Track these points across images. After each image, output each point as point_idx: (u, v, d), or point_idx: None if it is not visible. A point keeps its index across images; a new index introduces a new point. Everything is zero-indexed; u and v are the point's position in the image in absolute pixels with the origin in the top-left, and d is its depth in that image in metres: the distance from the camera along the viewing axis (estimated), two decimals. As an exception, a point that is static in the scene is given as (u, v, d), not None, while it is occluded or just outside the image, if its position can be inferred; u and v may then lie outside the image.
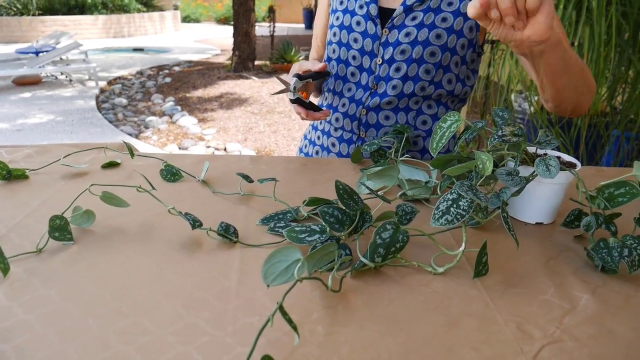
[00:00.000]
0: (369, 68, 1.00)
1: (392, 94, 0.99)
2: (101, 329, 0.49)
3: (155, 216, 0.72)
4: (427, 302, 0.55)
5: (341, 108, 1.06)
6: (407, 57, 0.95)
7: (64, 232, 0.64)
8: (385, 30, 0.96)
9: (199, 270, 0.60)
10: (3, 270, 0.57)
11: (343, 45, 1.01)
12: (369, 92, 1.01)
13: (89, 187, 0.71)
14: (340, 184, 0.64)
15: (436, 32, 0.93)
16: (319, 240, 0.62)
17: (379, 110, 1.01)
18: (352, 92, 1.04)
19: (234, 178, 0.87)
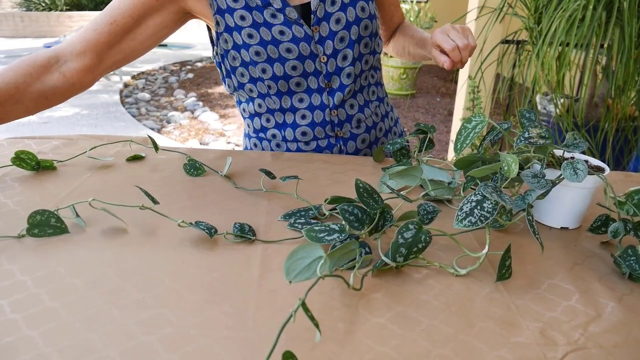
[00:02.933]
0: (314, 70, 0.94)
1: (348, 82, 0.96)
2: (125, 319, 0.50)
3: (178, 211, 0.73)
4: (448, 303, 0.54)
5: (302, 120, 0.98)
6: (349, 42, 0.93)
7: (45, 227, 0.64)
8: (315, 27, 0.91)
9: (221, 264, 0.60)
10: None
11: (275, 61, 0.90)
12: (325, 92, 0.96)
13: (90, 201, 0.71)
14: (360, 183, 0.64)
15: (360, 6, 0.93)
16: (337, 239, 0.62)
17: (344, 103, 0.98)
18: (305, 102, 0.97)
19: (256, 174, 0.87)
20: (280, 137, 1.01)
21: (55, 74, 0.85)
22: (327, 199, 0.72)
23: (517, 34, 2.37)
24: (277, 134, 1.01)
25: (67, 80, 0.86)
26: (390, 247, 0.58)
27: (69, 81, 0.87)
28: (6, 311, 0.50)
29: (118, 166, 0.90)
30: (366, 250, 0.61)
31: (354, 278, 0.54)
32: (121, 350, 0.46)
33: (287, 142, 1.01)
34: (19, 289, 0.54)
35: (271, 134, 1.01)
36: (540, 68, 2.05)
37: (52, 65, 0.85)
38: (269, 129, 1.01)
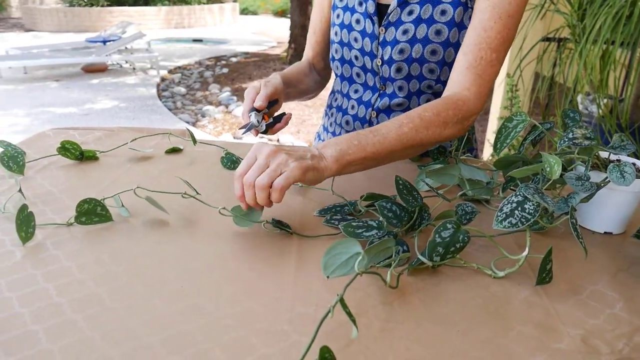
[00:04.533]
0: (371, 69, 0.93)
1: (400, 95, 0.92)
2: (164, 308, 0.51)
3: (215, 203, 0.74)
4: (485, 305, 0.53)
5: (350, 110, 1.00)
6: (407, 57, 0.87)
7: (91, 215, 0.67)
8: (382, 28, 0.88)
9: (258, 257, 0.61)
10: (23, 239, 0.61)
11: (345, 45, 0.94)
12: (377, 93, 0.95)
13: (134, 189, 0.74)
14: (400, 179, 0.63)
15: (435, 28, 0.84)
16: (376, 235, 0.62)
17: (389, 112, 0.95)
18: (359, 93, 0.98)
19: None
20: (334, 118, 1.07)
21: (314, 72, 1.07)
22: (363, 195, 0.72)
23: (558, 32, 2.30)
24: (334, 114, 1.06)
25: (321, 76, 1.09)
26: (427, 246, 0.57)
27: (322, 77, 1.09)
28: (52, 295, 0.52)
29: (157, 158, 0.92)
30: (404, 248, 0.61)
31: (390, 276, 0.54)
32: (161, 337, 0.47)
33: (335, 124, 1.06)
34: (64, 274, 0.56)
35: (331, 112, 1.08)
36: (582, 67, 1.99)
37: (311, 68, 1.07)
38: (332, 107, 1.07)
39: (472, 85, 0.80)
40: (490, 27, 0.79)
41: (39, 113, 4.59)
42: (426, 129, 0.74)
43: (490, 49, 0.79)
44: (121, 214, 0.70)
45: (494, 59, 0.80)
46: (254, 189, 0.62)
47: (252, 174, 0.62)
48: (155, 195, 0.74)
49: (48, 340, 0.46)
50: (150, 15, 11.59)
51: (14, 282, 0.54)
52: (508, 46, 0.82)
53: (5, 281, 0.54)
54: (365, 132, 0.70)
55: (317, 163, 0.65)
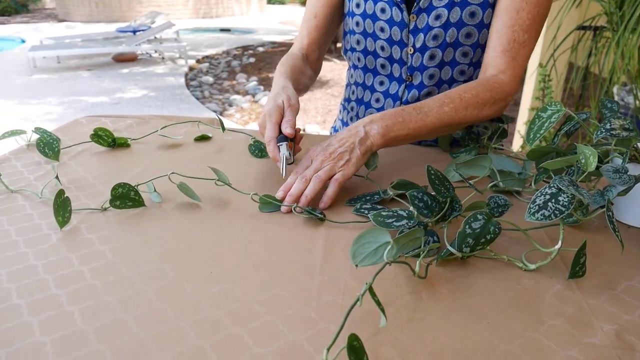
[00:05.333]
0: (400, 59, 0.91)
1: (429, 84, 0.91)
2: (194, 292, 0.52)
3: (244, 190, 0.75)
4: (516, 298, 0.52)
5: (375, 104, 0.99)
6: (441, 43, 0.86)
7: (125, 199, 0.68)
8: (413, 15, 0.86)
9: (285, 245, 0.61)
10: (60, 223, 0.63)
11: (369, 36, 0.92)
12: (403, 85, 0.93)
13: (169, 175, 0.75)
14: (432, 169, 0.63)
15: (469, 10, 0.82)
16: (406, 225, 0.61)
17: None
18: (385, 85, 0.96)
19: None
20: (355, 112, 1.04)
21: (307, 66, 1.01)
22: (393, 182, 0.71)
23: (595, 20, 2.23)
24: (354, 107, 1.04)
25: (313, 70, 1.03)
26: (456, 237, 0.56)
27: (314, 70, 1.04)
28: (87, 277, 0.54)
29: (187, 145, 0.93)
30: (433, 238, 0.60)
31: (419, 266, 0.53)
32: (191, 321, 0.47)
33: (357, 118, 1.04)
34: (97, 258, 0.57)
35: (350, 106, 1.05)
36: (620, 56, 1.92)
37: (304, 62, 1.00)
38: (351, 101, 1.05)
39: (507, 68, 0.81)
40: (522, 8, 0.78)
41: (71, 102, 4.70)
42: (465, 109, 0.77)
43: (522, 30, 0.79)
44: (153, 199, 0.71)
45: (527, 40, 0.80)
46: (307, 182, 0.68)
47: (309, 171, 0.70)
48: (187, 181, 0.75)
49: (83, 321, 0.47)
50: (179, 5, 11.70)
51: (50, 264, 0.56)
52: (540, 25, 0.82)
53: (42, 263, 0.56)
54: (409, 109, 0.74)
55: (365, 146, 0.71)
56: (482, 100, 0.78)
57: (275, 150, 0.74)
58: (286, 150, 0.73)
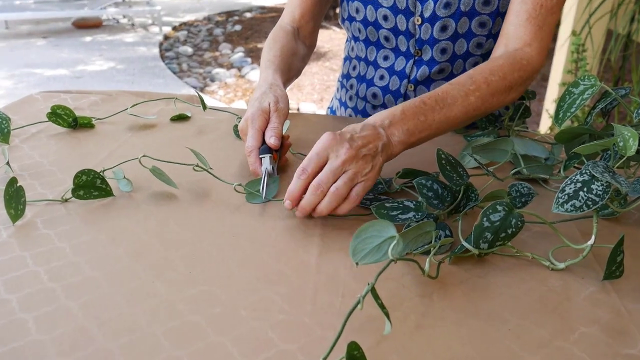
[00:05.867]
0: (406, 30, 0.90)
1: (441, 59, 0.90)
2: (170, 295, 0.52)
3: (229, 178, 0.75)
4: (542, 301, 0.53)
5: (379, 81, 0.98)
6: (455, 11, 0.85)
7: (90, 189, 0.68)
8: None
9: (276, 240, 0.61)
10: (13, 217, 0.63)
11: (369, 3, 0.91)
12: (411, 60, 0.93)
13: (139, 158, 0.74)
14: (442, 153, 0.63)
15: None
16: (413, 218, 0.61)
17: (430, 82, 0.94)
18: (389, 61, 0.96)
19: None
20: (355, 91, 1.04)
21: (300, 43, 1.00)
22: (399, 172, 0.71)
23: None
24: (354, 85, 1.04)
25: (307, 45, 1.02)
26: (473, 231, 0.57)
27: (309, 45, 1.03)
28: (43, 279, 0.54)
29: (162, 126, 0.93)
30: (445, 233, 0.61)
31: (429, 264, 0.53)
32: (165, 329, 0.48)
33: (358, 98, 1.04)
34: (56, 256, 0.57)
35: (350, 83, 1.05)
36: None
37: (296, 39, 0.99)
38: (351, 77, 1.04)
39: (533, 39, 0.79)
40: None
41: (23, 75, 4.68)
42: (492, 97, 0.75)
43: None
44: (122, 188, 0.71)
45: (554, 5, 0.79)
46: (322, 195, 0.63)
47: (325, 178, 0.63)
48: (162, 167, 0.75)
49: (39, 331, 0.47)
50: (152, -38, 11.59)
51: (0, 265, 0.56)
52: None
53: (-7, 262, 0.56)
54: (431, 102, 0.71)
55: (387, 155, 0.67)
56: (510, 83, 0.77)
57: (256, 162, 0.74)
58: (269, 163, 0.73)
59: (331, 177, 0.63)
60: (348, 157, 0.63)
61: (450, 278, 0.56)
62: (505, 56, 0.78)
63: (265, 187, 0.70)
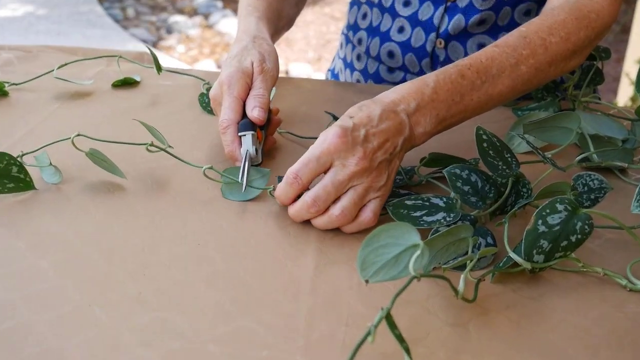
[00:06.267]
0: None
1: (483, 5, 0.91)
2: (112, 323, 0.52)
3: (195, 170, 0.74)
4: (616, 332, 0.53)
5: (397, 35, 0.99)
6: None
7: (3, 179, 0.67)
8: None
9: (256, 249, 0.62)
10: None
11: None
12: (442, 6, 0.94)
13: (72, 137, 0.73)
14: (484, 133, 0.63)
15: None
16: (443, 221, 0.62)
17: (466, 37, 0.94)
18: (412, 6, 0.96)
19: (312, 115, 0.88)
20: (364, 47, 1.04)
21: None
22: (424, 157, 0.72)
23: None
24: (364, 39, 1.04)
25: None
26: (523, 238, 0.57)
27: None
28: (-57, 300, 0.54)
29: (100, 94, 0.93)
30: (487, 240, 0.61)
31: (465, 282, 0.54)
32: (108, 368, 0.48)
33: (368, 58, 1.04)
34: (-40, 269, 0.58)
35: (358, 38, 1.05)
36: None
37: None
38: (359, 29, 1.05)
39: None
40: None
41: None
42: (549, 65, 0.75)
43: None
44: (47, 179, 0.71)
45: None
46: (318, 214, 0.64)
47: (324, 194, 0.63)
48: (102, 150, 0.75)
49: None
50: None
51: None
52: None
53: None
54: (472, 75, 0.70)
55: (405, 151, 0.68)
56: (574, 45, 0.77)
57: (234, 143, 0.74)
58: (252, 144, 0.73)
59: (332, 194, 0.63)
60: (359, 170, 0.63)
61: (492, 301, 0.56)
62: (567, 8, 0.78)
63: (245, 174, 0.70)
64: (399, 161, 0.67)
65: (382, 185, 0.64)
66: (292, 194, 0.64)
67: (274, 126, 0.80)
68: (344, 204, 0.63)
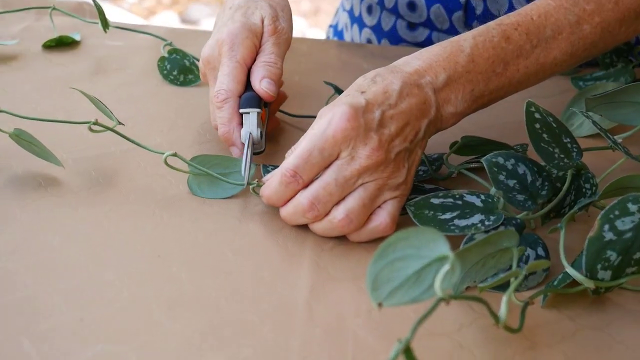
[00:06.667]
0: None
1: None
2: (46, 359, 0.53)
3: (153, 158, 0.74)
4: None
5: None
6: None
7: None
8: None
9: (234, 263, 0.62)
10: None
11: None
12: None
13: None
14: (535, 109, 0.63)
15: None
16: (481, 226, 0.62)
17: None
18: None
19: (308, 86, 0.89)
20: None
21: None
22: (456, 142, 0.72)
23: None
24: None
25: None
26: (585, 249, 0.57)
27: None
28: None
29: (28, 58, 0.93)
30: (537, 251, 0.61)
31: (507, 306, 0.54)
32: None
33: (382, 10, 1.04)
34: None
35: None
36: None
37: None
38: None
39: None
40: None
41: None
42: (620, 24, 0.75)
43: None
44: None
45: None
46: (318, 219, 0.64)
47: (326, 195, 0.63)
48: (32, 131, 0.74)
49: None
50: None
51: None
52: None
53: None
54: (519, 39, 0.70)
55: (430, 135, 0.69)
56: None
57: (231, 122, 0.73)
58: (257, 126, 0.72)
59: (336, 194, 0.63)
60: (372, 164, 0.63)
61: (543, 332, 0.57)
62: None
63: (249, 165, 0.70)
64: (421, 150, 0.67)
65: (401, 182, 0.64)
66: (288, 196, 0.64)
67: (278, 103, 0.80)
68: (351, 205, 0.63)
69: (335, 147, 0.62)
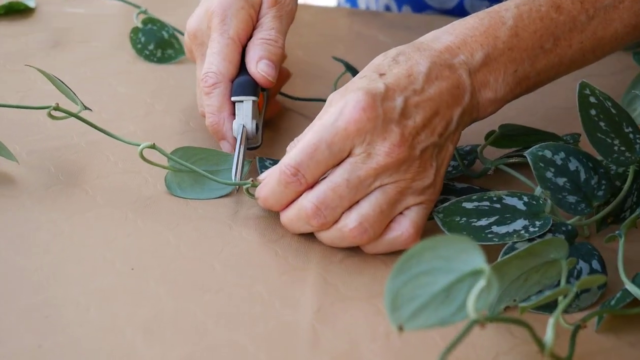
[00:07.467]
0: None
1: None
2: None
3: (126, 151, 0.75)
4: None
5: None
6: None
7: None
8: None
9: (224, 278, 0.63)
10: None
11: None
12: None
13: None
14: (590, 92, 0.64)
15: None
16: (524, 234, 0.63)
17: None
18: None
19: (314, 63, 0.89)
20: None
21: None
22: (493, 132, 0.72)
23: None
24: None
25: None
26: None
27: None
28: None
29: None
30: (591, 265, 0.62)
31: (555, 329, 0.55)
32: None
33: None
34: None
35: None
36: None
37: None
38: None
39: None
40: None
41: None
42: None
43: None
44: None
45: None
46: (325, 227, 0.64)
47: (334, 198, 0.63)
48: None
49: None
50: None
51: None
52: None
53: None
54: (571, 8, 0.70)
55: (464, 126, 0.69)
56: None
57: (222, 111, 0.74)
58: (252, 116, 0.73)
59: (347, 198, 0.63)
60: (392, 162, 0.63)
61: (599, 358, 0.57)
62: None
63: (241, 161, 0.70)
64: (453, 146, 0.67)
65: (428, 185, 0.64)
66: (288, 198, 0.64)
67: (280, 83, 0.80)
68: (365, 211, 0.62)
69: (348, 141, 0.61)
